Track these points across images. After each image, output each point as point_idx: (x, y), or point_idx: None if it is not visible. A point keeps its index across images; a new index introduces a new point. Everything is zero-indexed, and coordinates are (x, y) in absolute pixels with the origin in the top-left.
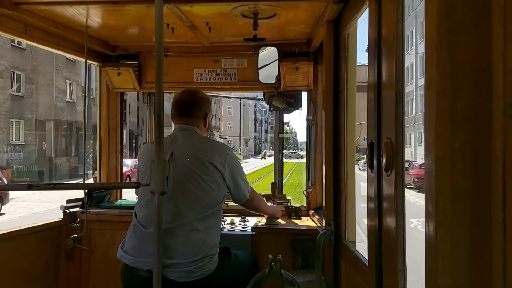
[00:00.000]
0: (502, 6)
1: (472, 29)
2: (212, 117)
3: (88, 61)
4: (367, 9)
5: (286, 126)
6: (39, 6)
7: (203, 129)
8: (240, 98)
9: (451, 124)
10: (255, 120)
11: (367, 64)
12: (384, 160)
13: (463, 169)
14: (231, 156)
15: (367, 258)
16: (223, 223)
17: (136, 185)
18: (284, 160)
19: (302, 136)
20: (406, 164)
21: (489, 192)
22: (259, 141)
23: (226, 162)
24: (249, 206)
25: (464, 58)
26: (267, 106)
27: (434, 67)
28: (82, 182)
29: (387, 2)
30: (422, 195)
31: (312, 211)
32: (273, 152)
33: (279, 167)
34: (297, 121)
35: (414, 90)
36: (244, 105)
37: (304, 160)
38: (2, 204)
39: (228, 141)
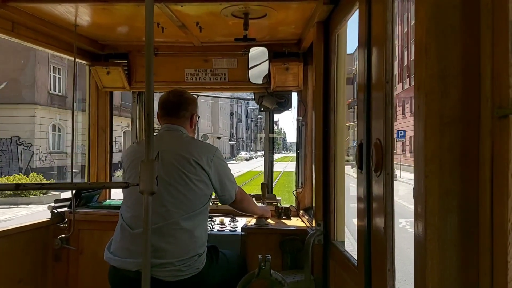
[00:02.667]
0: (490, 9)
1: (461, 31)
2: (199, 118)
3: (77, 60)
4: (357, 10)
5: (274, 125)
6: (27, 4)
7: (189, 130)
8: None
9: (440, 125)
10: (231, 114)
11: None
12: (373, 160)
13: (452, 169)
14: (217, 156)
15: (356, 258)
16: (212, 223)
17: (125, 185)
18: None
19: (290, 137)
20: None
21: (477, 192)
22: (238, 140)
23: (212, 163)
24: (237, 207)
25: (453, 60)
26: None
27: (424, 69)
28: (71, 181)
29: (377, 4)
30: None
31: (301, 212)
32: (252, 154)
33: (269, 167)
34: (286, 121)
35: None
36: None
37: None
38: None
39: None
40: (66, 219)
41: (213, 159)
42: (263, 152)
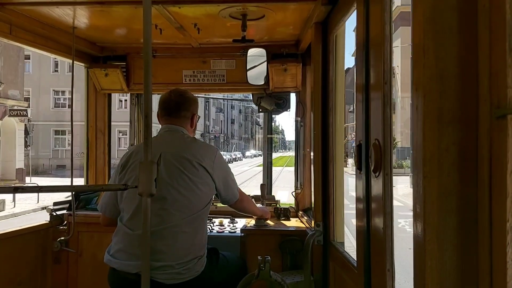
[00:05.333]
0: (487, 9)
1: (458, 32)
2: (199, 117)
3: (75, 62)
4: (355, 11)
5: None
6: (25, 7)
7: (189, 130)
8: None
9: (438, 125)
10: (207, 101)
11: None
12: (372, 161)
13: (450, 170)
14: (219, 157)
15: (355, 259)
16: (212, 224)
17: (124, 187)
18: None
19: (289, 135)
20: None
21: (476, 193)
22: (217, 137)
23: (215, 164)
24: (238, 207)
25: (451, 61)
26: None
27: (422, 70)
28: (70, 184)
29: (375, 5)
30: None
31: (301, 212)
32: (236, 154)
33: (268, 168)
34: (284, 119)
35: None
36: None
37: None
38: None
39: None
40: (65, 222)
41: (215, 160)
42: (252, 152)
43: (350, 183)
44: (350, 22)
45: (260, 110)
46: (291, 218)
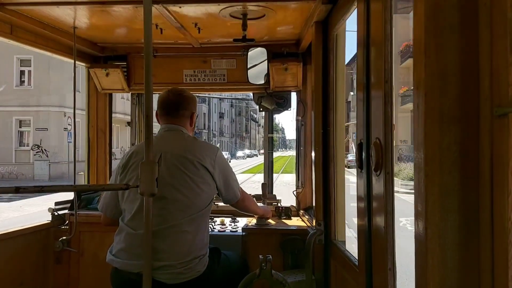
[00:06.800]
0: (488, 7)
1: (459, 30)
2: (197, 116)
3: (76, 62)
4: (356, 9)
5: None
6: (26, 7)
7: (189, 129)
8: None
9: (439, 124)
10: None
11: None
12: (373, 160)
13: (452, 168)
14: (220, 156)
15: (357, 258)
16: (213, 224)
17: (125, 187)
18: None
19: (289, 134)
20: None
21: (477, 191)
22: (197, 133)
23: (216, 163)
24: (239, 206)
25: (452, 59)
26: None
27: (423, 68)
28: (71, 184)
29: (375, 3)
30: None
31: (302, 211)
32: None
33: (268, 167)
34: (284, 117)
35: None
36: None
37: None
38: None
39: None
40: (67, 221)
41: (216, 160)
42: (246, 152)
43: None
44: (351, 21)
45: (261, 109)
46: (292, 217)
